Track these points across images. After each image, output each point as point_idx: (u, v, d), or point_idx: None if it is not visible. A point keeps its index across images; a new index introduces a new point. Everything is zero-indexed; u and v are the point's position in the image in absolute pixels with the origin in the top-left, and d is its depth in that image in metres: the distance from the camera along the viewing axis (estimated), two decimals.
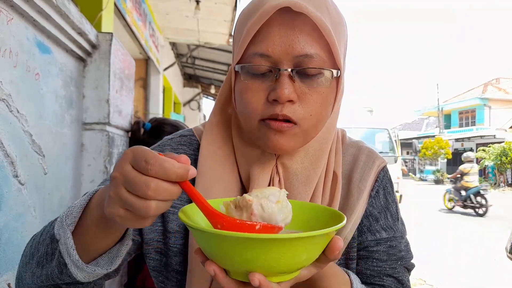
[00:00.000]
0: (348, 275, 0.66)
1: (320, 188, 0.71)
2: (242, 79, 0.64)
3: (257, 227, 0.47)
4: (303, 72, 0.61)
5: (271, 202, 0.49)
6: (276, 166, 0.69)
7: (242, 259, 0.44)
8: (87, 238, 0.56)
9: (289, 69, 0.60)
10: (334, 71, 0.63)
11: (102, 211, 0.52)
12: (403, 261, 0.75)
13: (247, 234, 0.42)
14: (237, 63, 0.64)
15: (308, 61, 0.60)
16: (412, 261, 0.78)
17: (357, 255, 0.74)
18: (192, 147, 0.76)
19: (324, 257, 0.50)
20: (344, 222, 0.49)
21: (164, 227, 0.72)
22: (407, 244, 0.78)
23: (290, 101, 0.61)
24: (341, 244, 0.49)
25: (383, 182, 0.77)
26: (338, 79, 0.65)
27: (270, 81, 0.62)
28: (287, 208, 0.50)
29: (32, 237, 0.67)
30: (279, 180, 0.69)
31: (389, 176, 0.79)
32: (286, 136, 0.63)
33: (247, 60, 0.63)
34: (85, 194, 0.60)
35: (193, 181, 0.70)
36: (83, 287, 0.61)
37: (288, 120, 0.62)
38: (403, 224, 0.79)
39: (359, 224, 0.74)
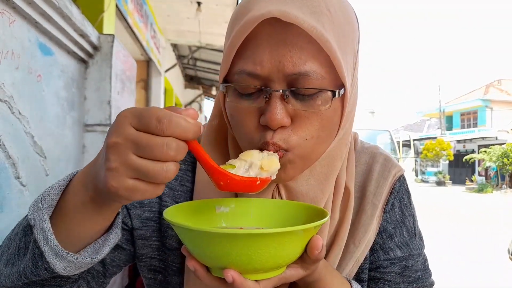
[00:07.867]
0: (349, 281, 0.62)
1: (329, 205, 0.62)
2: (229, 100, 0.56)
3: (257, 182, 0.49)
4: (297, 92, 0.53)
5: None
6: (278, 187, 0.62)
7: (215, 255, 0.44)
8: (71, 225, 0.48)
9: (281, 90, 0.52)
10: (336, 91, 0.53)
11: (89, 193, 0.46)
12: (419, 283, 0.67)
13: (213, 229, 0.43)
14: (224, 79, 0.57)
15: (303, 80, 0.51)
16: (431, 278, 0.70)
17: (368, 276, 0.67)
18: None
19: (307, 257, 0.49)
20: (326, 219, 0.48)
21: (161, 243, 0.66)
22: (425, 261, 0.70)
23: (283, 126, 0.53)
24: (320, 243, 0.48)
25: (399, 193, 0.69)
26: (343, 97, 0.55)
27: (260, 103, 0.54)
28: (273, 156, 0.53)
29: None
30: None
31: (406, 185, 0.71)
32: (281, 167, 0.54)
33: (234, 77, 0.54)
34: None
35: (193, 179, 0.68)
36: (62, 281, 0.52)
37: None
38: (421, 238, 0.71)
39: None
